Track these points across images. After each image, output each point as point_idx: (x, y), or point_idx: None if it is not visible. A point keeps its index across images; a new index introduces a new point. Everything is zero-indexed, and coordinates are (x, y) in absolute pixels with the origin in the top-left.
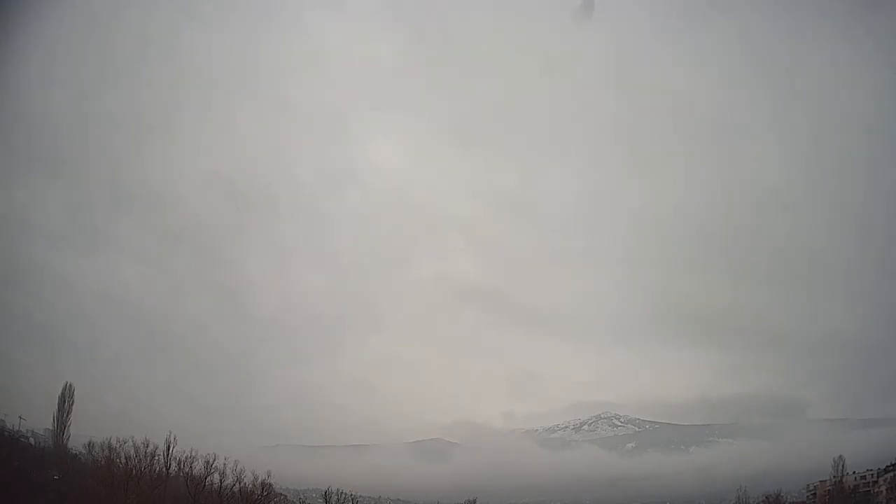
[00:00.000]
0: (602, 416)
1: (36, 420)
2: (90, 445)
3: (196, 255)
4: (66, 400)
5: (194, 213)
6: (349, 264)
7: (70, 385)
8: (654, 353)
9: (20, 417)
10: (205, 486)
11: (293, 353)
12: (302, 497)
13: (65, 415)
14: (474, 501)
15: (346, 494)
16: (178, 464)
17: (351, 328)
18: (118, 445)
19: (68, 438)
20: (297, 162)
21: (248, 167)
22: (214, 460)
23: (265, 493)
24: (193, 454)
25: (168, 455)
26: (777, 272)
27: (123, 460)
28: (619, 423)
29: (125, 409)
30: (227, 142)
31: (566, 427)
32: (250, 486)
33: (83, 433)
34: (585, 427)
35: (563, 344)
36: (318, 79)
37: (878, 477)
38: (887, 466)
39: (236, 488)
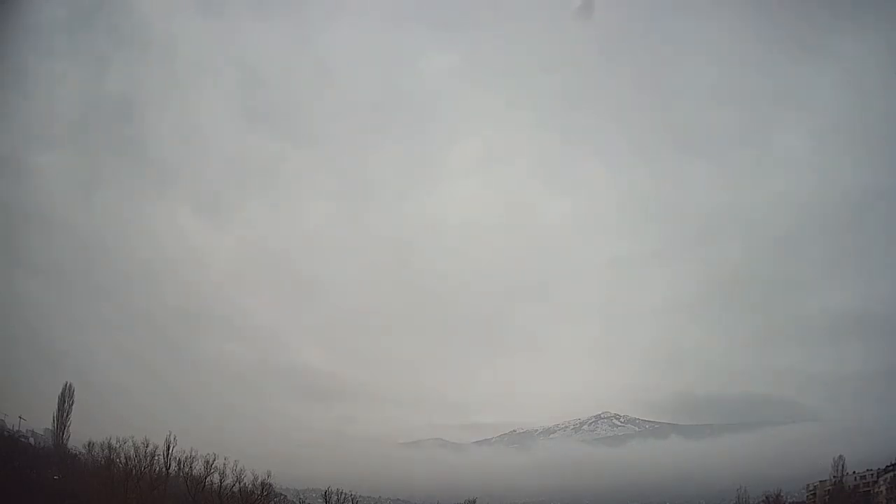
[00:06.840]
0: (602, 416)
1: (36, 420)
2: (90, 445)
3: None
4: (66, 400)
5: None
6: None
7: (70, 385)
8: (654, 353)
9: (20, 417)
10: (205, 486)
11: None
12: (302, 497)
13: (65, 415)
14: (474, 501)
15: (345, 494)
16: (178, 464)
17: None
18: (118, 445)
19: (68, 438)
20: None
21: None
22: (214, 460)
23: (265, 493)
24: (193, 454)
25: (168, 455)
26: (775, 272)
27: (123, 460)
28: (619, 423)
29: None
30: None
31: (566, 427)
32: (250, 486)
33: (83, 433)
34: (585, 427)
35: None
36: None
37: (877, 477)
38: (887, 466)
39: (236, 488)
